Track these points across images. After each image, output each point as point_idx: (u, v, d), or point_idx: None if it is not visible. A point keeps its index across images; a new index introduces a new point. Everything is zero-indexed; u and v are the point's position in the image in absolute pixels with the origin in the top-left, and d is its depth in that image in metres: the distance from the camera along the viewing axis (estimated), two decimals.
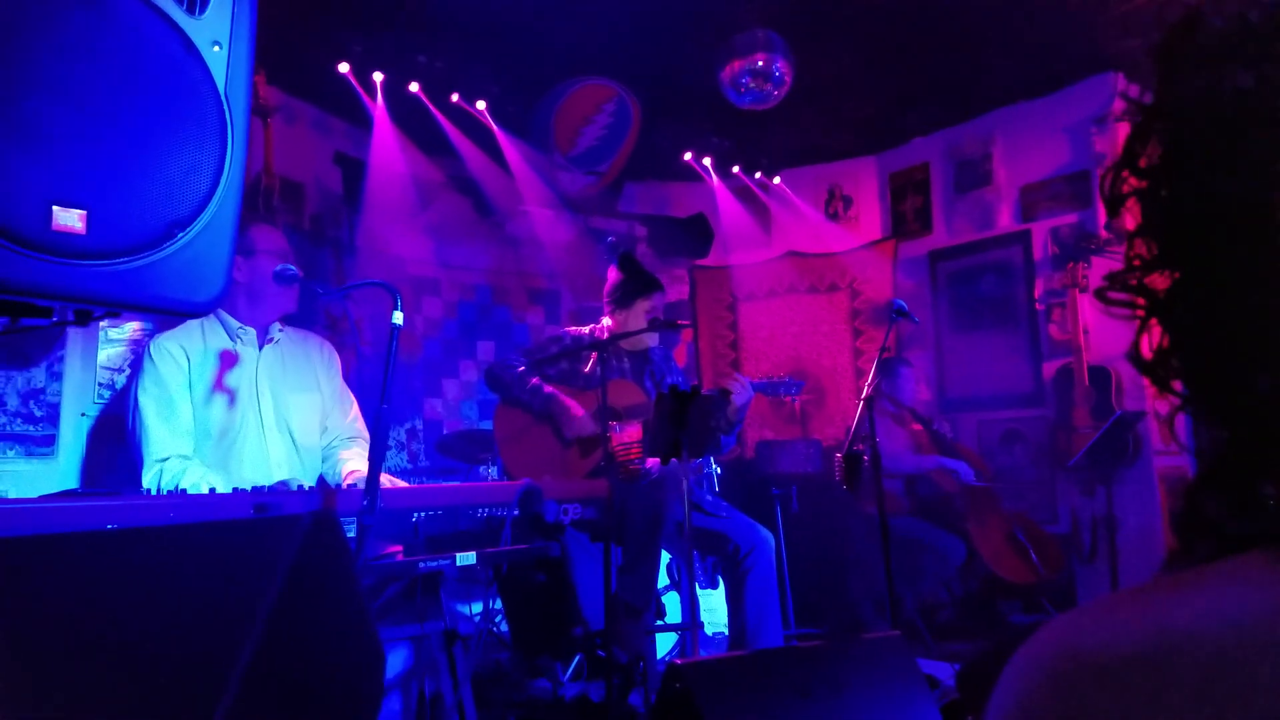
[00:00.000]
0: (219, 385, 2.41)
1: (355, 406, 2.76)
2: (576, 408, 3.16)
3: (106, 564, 1.09)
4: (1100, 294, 0.48)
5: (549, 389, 3.20)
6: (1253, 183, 0.41)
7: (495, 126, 4.85)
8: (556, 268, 5.76)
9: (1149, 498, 4.41)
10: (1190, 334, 0.44)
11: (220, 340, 2.46)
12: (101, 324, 3.11)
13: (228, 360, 2.44)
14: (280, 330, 2.58)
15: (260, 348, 2.52)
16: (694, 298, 6.19)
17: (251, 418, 2.43)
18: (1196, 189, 0.43)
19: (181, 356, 2.38)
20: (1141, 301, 0.46)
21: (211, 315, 2.44)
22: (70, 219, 1.13)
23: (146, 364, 2.35)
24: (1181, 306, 0.45)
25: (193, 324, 2.43)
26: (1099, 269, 4.56)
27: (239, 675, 1.06)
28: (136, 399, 2.31)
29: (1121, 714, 0.35)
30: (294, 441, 2.51)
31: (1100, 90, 4.77)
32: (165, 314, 1.28)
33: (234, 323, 2.48)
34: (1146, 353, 0.46)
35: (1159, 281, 0.45)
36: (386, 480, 2.19)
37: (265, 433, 2.44)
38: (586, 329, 3.38)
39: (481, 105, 4.75)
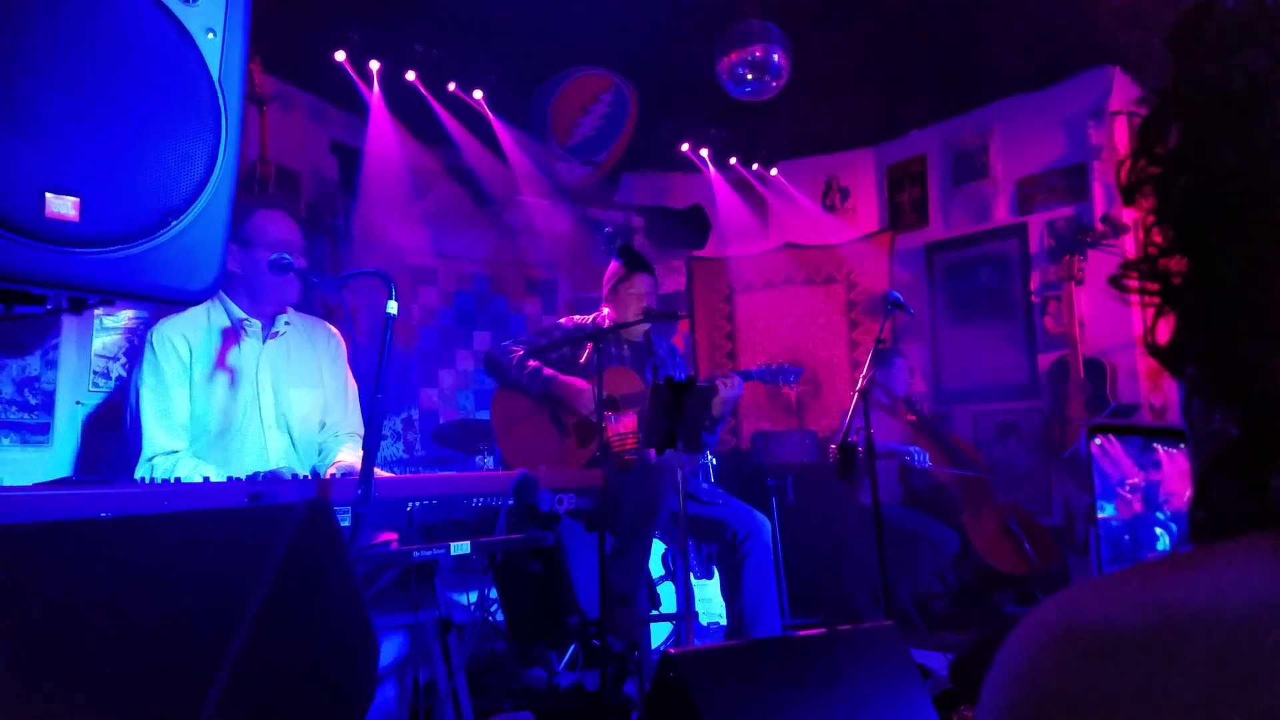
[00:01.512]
0: (220, 363, 2.36)
1: (356, 400, 2.70)
2: (579, 382, 3.15)
3: (100, 552, 1.09)
4: (1115, 281, 0.48)
5: (548, 371, 3.19)
6: (1266, 165, 0.41)
7: (492, 116, 4.84)
8: (554, 258, 5.75)
9: None
10: (1203, 319, 0.44)
11: (224, 320, 2.42)
12: (96, 312, 3.10)
13: (230, 337, 2.40)
14: (288, 322, 2.52)
15: (264, 340, 2.46)
16: (691, 289, 6.19)
17: (252, 413, 2.39)
18: (1210, 173, 0.43)
19: (183, 345, 2.32)
20: (1155, 287, 0.46)
21: (217, 300, 2.40)
22: (64, 206, 1.12)
23: (147, 353, 2.30)
24: (1195, 292, 0.45)
25: (198, 307, 2.37)
26: (1095, 262, 4.56)
27: (232, 662, 1.07)
28: (136, 390, 2.27)
29: (1121, 690, 0.35)
30: (292, 437, 2.48)
31: (1097, 83, 4.77)
32: (160, 302, 1.28)
33: (238, 312, 2.42)
34: (1160, 339, 0.47)
35: (1173, 267, 0.46)
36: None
37: (265, 430, 2.40)
38: (589, 318, 3.38)
39: (478, 95, 4.74)
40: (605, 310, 3.35)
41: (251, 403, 2.40)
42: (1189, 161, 0.45)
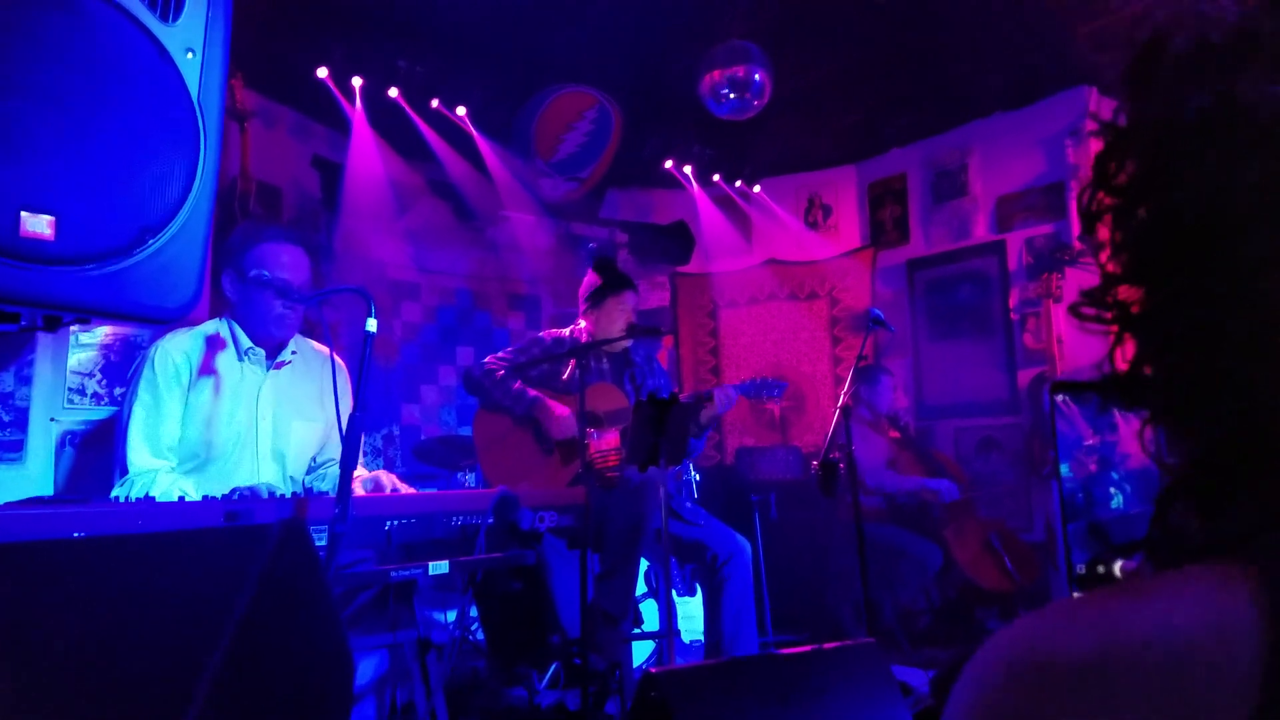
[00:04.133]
0: (209, 370, 2.28)
1: None
2: (561, 408, 3.14)
3: (73, 573, 1.08)
4: (1074, 309, 0.49)
5: (532, 392, 3.19)
6: (1214, 198, 0.42)
7: (476, 132, 4.85)
8: (537, 273, 5.76)
9: None
10: (1160, 347, 0.45)
11: (227, 342, 2.34)
12: (72, 328, 3.07)
13: (218, 345, 2.32)
14: (294, 352, 2.43)
15: (268, 369, 2.38)
16: (675, 304, 6.21)
17: (248, 442, 2.32)
18: (1164, 205, 0.44)
19: (183, 362, 2.25)
20: (1112, 316, 0.47)
21: (226, 326, 2.33)
22: (39, 225, 1.11)
23: (145, 370, 2.22)
24: (1150, 320, 0.46)
25: (203, 326, 2.32)
26: (1073, 279, 4.61)
27: (207, 684, 1.06)
28: (130, 407, 2.20)
29: (1072, 718, 0.36)
30: (284, 469, 2.41)
31: (1075, 103, 4.84)
32: (135, 320, 1.27)
33: (245, 341, 2.35)
34: (1120, 366, 0.47)
35: (1130, 296, 0.46)
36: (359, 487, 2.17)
37: (259, 460, 2.34)
38: (566, 331, 3.38)
39: (462, 111, 4.75)
40: (583, 323, 3.35)
41: (248, 432, 2.32)
42: (1144, 194, 0.46)
